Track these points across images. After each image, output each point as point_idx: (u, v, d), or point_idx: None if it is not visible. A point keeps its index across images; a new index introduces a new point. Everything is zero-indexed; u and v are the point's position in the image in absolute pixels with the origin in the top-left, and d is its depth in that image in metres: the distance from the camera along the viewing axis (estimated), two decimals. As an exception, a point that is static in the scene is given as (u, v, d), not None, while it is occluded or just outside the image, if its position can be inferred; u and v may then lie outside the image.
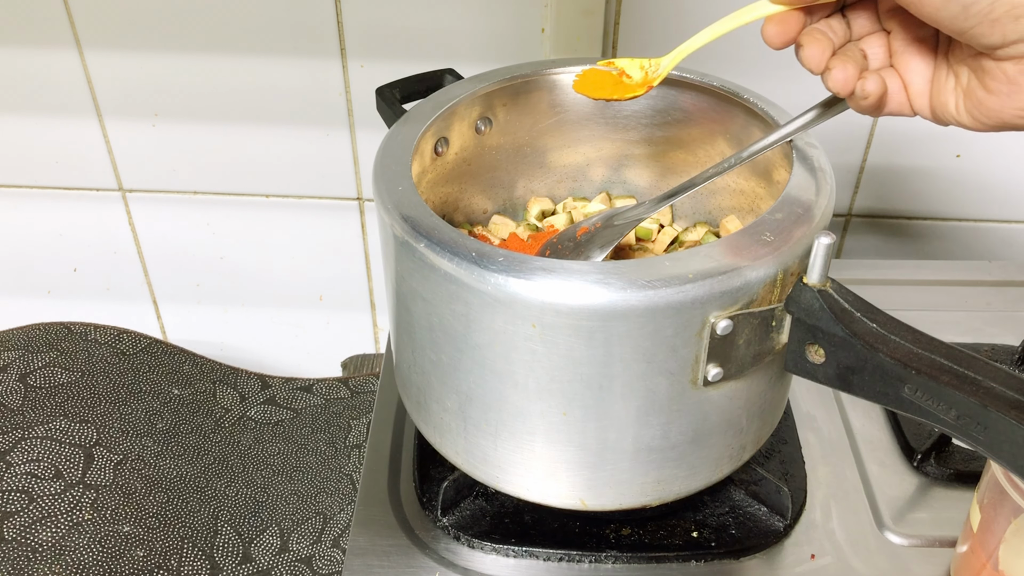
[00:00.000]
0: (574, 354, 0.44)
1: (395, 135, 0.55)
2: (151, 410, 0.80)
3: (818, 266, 0.43)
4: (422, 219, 0.47)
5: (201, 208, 0.92)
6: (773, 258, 0.44)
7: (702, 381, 0.45)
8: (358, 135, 0.86)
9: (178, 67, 0.82)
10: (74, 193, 0.92)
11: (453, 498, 0.58)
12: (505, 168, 0.65)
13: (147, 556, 0.68)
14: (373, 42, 0.80)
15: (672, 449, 0.48)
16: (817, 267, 0.43)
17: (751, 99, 0.56)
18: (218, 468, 0.77)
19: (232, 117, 0.85)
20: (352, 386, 0.88)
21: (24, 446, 0.73)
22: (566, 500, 0.51)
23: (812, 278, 0.43)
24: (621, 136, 0.65)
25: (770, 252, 0.44)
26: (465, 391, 0.49)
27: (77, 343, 0.83)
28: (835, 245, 0.52)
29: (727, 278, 0.43)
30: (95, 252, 0.97)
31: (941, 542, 0.57)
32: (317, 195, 0.90)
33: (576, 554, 0.55)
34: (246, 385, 0.87)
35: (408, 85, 0.62)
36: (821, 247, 0.42)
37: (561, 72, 0.61)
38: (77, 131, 0.87)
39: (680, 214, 0.68)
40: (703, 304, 0.43)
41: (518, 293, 0.43)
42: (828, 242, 0.42)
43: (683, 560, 0.55)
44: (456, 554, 0.56)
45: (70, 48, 0.82)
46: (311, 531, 0.73)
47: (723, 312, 0.43)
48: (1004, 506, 0.48)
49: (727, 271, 0.43)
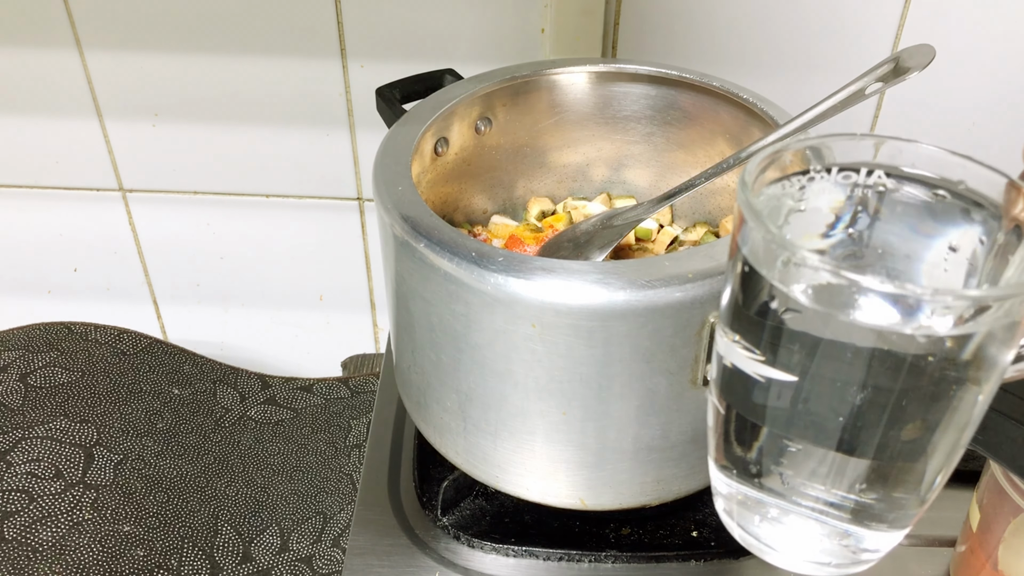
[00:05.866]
0: (574, 354, 0.44)
1: (395, 135, 0.55)
2: (151, 410, 0.80)
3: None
4: (422, 219, 0.47)
5: (201, 208, 0.92)
6: (773, 258, 0.44)
7: (702, 381, 0.46)
8: (358, 135, 0.86)
9: (178, 67, 0.82)
10: (74, 193, 0.92)
11: (453, 498, 0.58)
12: (505, 168, 0.65)
13: (147, 556, 0.68)
14: (373, 42, 0.80)
15: (672, 449, 0.48)
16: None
17: (751, 99, 0.56)
18: (218, 468, 0.77)
19: (232, 117, 0.85)
20: (352, 386, 0.88)
21: (24, 446, 0.73)
22: (566, 500, 0.51)
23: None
24: (621, 136, 0.65)
25: (770, 252, 0.44)
26: (465, 391, 0.49)
27: (77, 343, 0.83)
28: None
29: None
30: (95, 252, 0.97)
31: (940, 542, 0.57)
32: (317, 195, 0.90)
33: (576, 554, 0.56)
34: (246, 385, 0.87)
35: (408, 85, 0.62)
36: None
37: (561, 72, 0.61)
38: (77, 131, 0.87)
39: (680, 214, 0.68)
40: (703, 304, 0.43)
41: (518, 293, 0.43)
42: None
43: (683, 560, 0.55)
44: (456, 554, 0.56)
45: (70, 48, 0.82)
46: (311, 531, 0.73)
47: (723, 312, 0.43)
48: (1004, 506, 0.48)
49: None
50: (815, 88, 0.78)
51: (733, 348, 0.32)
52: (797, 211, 0.33)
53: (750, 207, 0.29)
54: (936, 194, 0.32)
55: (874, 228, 0.33)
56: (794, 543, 0.34)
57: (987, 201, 0.31)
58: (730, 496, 0.35)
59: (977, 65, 0.76)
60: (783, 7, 0.74)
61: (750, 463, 0.33)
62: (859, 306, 0.27)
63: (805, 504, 0.32)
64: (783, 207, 0.33)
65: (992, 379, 0.29)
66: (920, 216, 0.33)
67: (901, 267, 0.33)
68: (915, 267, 0.33)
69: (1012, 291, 0.26)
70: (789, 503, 0.33)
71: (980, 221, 0.31)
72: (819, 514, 0.32)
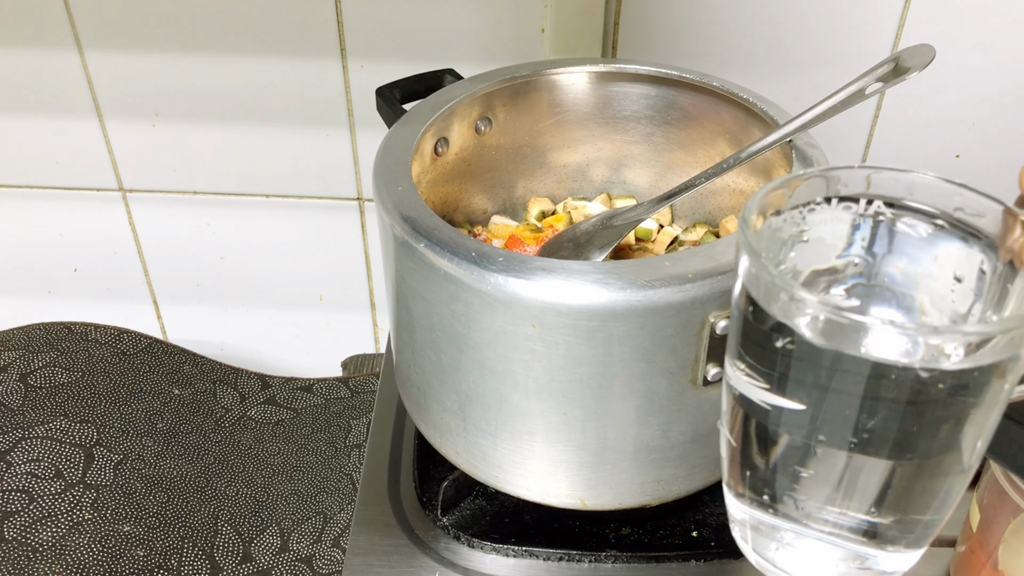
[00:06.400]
0: (574, 354, 0.44)
1: (395, 135, 0.55)
2: (151, 410, 0.80)
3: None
4: (422, 219, 0.47)
5: (201, 208, 0.92)
6: (773, 258, 0.44)
7: (702, 381, 0.46)
8: (358, 135, 0.86)
9: (178, 67, 0.82)
10: (74, 193, 0.92)
11: (453, 498, 0.58)
12: (505, 168, 0.65)
13: (147, 556, 0.68)
14: (373, 42, 0.80)
15: (672, 449, 0.48)
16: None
17: (751, 99, 0.56)
18: (218, 468, 0.77)
19: (232, 117, 0.85)
20: (352, 386, 0.88)
21: (24, 446, 0.73)
22: (566, 500, 0.51)
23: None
24: (621, 136, 0.65)
25: (770, 252, 0.44)
26: (465, 391, 0.49)
27: (77, 343, 0.83)
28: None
29: (727, 278, 0.43)
30: (95, 252, 0.97)
31: (941, 542, 0.57)
32: (317, 195, 0.90)
33: (576, 554, 0.55)
34: (246, 385, 0.87)
35: (408, 85, 0.62)
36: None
37: (561, 72, 0.61)
38: (77, 131, 0.87)
39: (680, 214, 0.68)
40: (703, 304, 0.43)
41: (518, 293, 0.43)
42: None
43: (683, 560, 0.55)
44: (456, 554, 0.56)
45: (70, 48, 0.82)
46: (311, 531, 0.73)
47: (723, 312, 0.43)
48: (1004, 506, 0.48)
49: (727, 271, 0.43)
50: (815, 88, 0.78)
51: (740, 377, 0.32)
52: (801, 242, 0.33)
53: (750, 247, 0.29)
54: (935, 223, 0.32)
55: (878, 257, 0.34)
56: (811, 568, 0.34)
57: (982, 233, 0.32)
58: (744, 522, 0.35)
59: (977, 65, 0.76)
60: (783, 7, 0.74)
61: (763, 490, 0.33)
62: (865, 339, 0.27)
63: (820, 528, 0.32)
64: (786, 238, 0.33)
65: (999, 403, 0.29)
66: (921, 245, 0.33)
67: (909, 295, 0.33)
68: (922, 296, 0.33)
69: (1014, 324, 0.27)
70: (804, 527, 0.33)
71: (979, 249, 0.32)
72: (835, 537, 0.32)
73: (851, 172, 0.33)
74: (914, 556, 0.33)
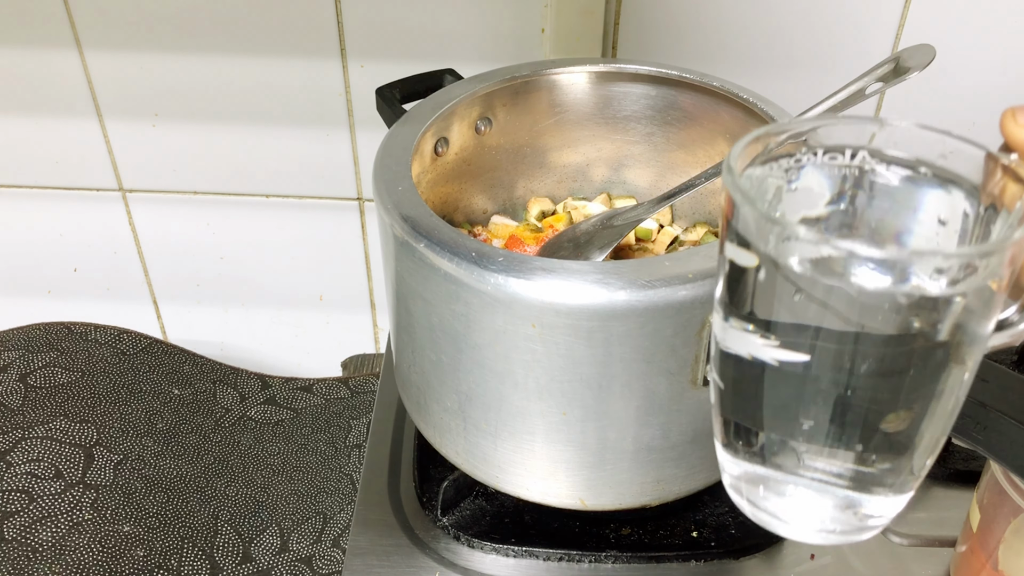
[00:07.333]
0: (574, 354, 0.44)
1: (395, 135, 0.55)
2: (151, 410, 0.80)
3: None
4: (422, 219, 0.47)
5: (201, 208, 0.92)
6: (773, 258, 0.44)
7: (702, 381, 0.46)
8: (358, 135, 0.86)
9: (178, 67, 0.82)
10: (74, 193, 0.92)
11: (453, 498, 0.58)
12: (505, 168, 0.65)
13: (147, 556, 0.68)
14: (373, 42, 0.80)
15: (672, 449, 0.48)
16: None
17: (751, 99, 0.56)
18: (218, 468, 0.77)
19: (232, 117, 0.85)
20: (352, 386, 0.88)
21: (24, 446, 0.73)
22: (566, 500, 0.51)
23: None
24: (621, 136, 0.65)
25: (770, 252, 0.44)
26: (465, 391, 0.49)
27: (77, 343, 0.83)
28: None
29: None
30: (95, 252, 0.97)
31: (941, 542, 0.57)
32: (317, 195, 0.90)
33: (576, 554, 0.56)
34: (246, 385, 0.87)
35: (408, 85, 0.62)
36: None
37: (561, 72, 0.61)
38: (77, 131, 0.87)
39: (680, 214, 0.68)
40: (703, 304, 0.43)
41: (518, 293, 0.43)
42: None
43: (683, 560, 0.55)
44: (456, 554, 0.56)
45: (70, 48, 0.82)
46: (311, 531, 0.73)
47: (723, 312, 0.43)
48: (1004, 506, 0.48)
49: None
50: (815, 88, 0.78)
51: (727, 329, 0.32)
52: (788, 191, 0.34)
53: (738, 189, 0.29)
54: (919, 171, 0.34)
55: (864, 206, 0.35)
56: (802, 514, 0.34)
57: (964, 179, 0.33)
58: (737, 474, 0.36)
59: (977, 65, 0.76)
60: (783, 7, 0.74)
61: (754, 442, 0.34)
62: (854, 276, 0.28)
63: (810, 476, 0.33)
64: (770, 188, 0.34)
65: (980, 339, 0.30)
66: (907, 193, 0.34)
67: (895, 239, 0.35)
68: (908, 239, 0.35)
69: (991, 248, 0.28)
70: (795, 476, 0.33)
71: (963, 195, 0.33)
72: (824, 484, 0.33)
73: (834, 123, 0.33)
74: (901, 501, 0.34)
